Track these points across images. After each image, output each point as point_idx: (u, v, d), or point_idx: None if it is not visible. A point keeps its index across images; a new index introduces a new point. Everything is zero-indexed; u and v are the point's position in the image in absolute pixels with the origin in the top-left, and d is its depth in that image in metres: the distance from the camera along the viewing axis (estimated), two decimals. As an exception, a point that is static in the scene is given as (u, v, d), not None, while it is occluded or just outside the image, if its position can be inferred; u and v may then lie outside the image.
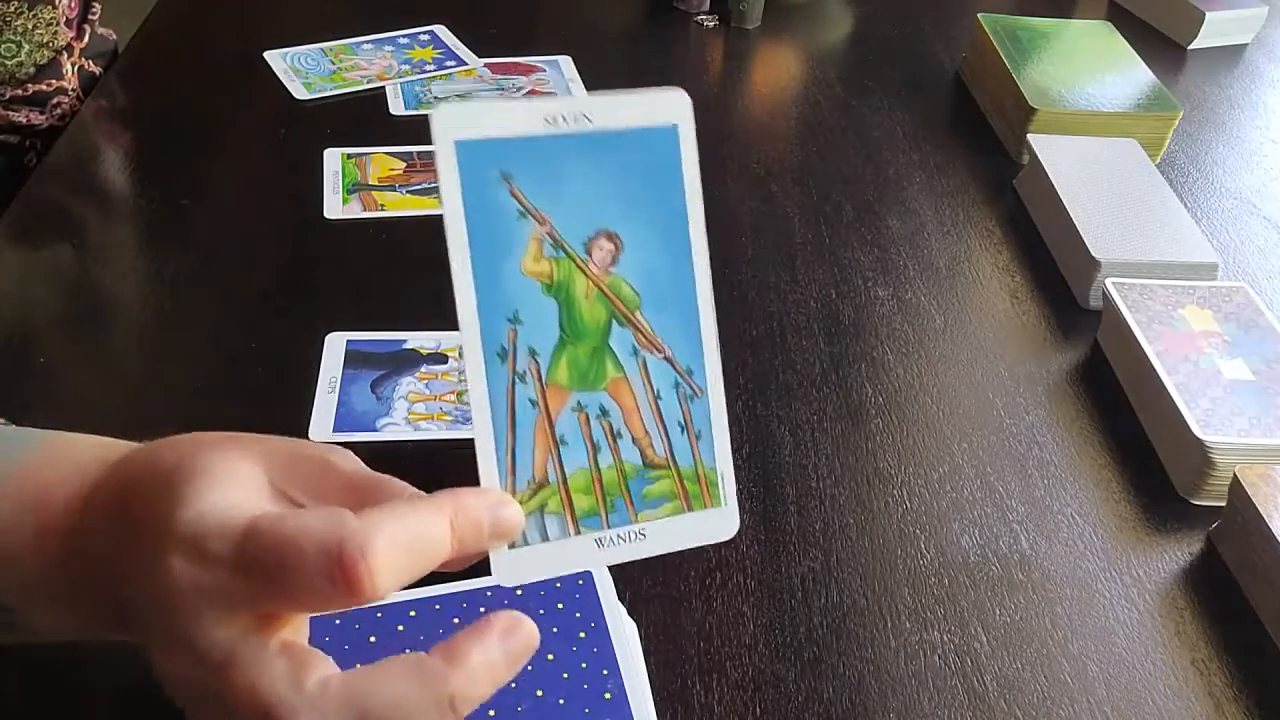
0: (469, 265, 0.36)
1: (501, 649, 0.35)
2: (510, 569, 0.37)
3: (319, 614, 0.35)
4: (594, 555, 0.39)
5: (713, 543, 0.40)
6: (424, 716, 0.33)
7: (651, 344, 0.39)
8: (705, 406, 0.40)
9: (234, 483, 0.35)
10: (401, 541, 0.33)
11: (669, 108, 0.41)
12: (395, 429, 0.64)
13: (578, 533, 0.38)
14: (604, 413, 0.39)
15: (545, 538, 0.38)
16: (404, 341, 0.71)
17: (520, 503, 0.37)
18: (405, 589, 0.48)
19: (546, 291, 0.38)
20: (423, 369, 0.68)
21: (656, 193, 0.40)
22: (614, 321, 0.39)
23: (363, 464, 0.38)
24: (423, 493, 0.37)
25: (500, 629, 0.35)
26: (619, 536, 0.39)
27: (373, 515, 0.33)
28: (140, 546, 0.34)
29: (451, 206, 0.36)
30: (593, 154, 0.38)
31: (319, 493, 0.37)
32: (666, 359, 0.39)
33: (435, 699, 0.33)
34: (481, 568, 0.37)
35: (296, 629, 0.35)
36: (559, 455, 0.38)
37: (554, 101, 0.38)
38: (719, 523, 0.40)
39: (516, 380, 0.37)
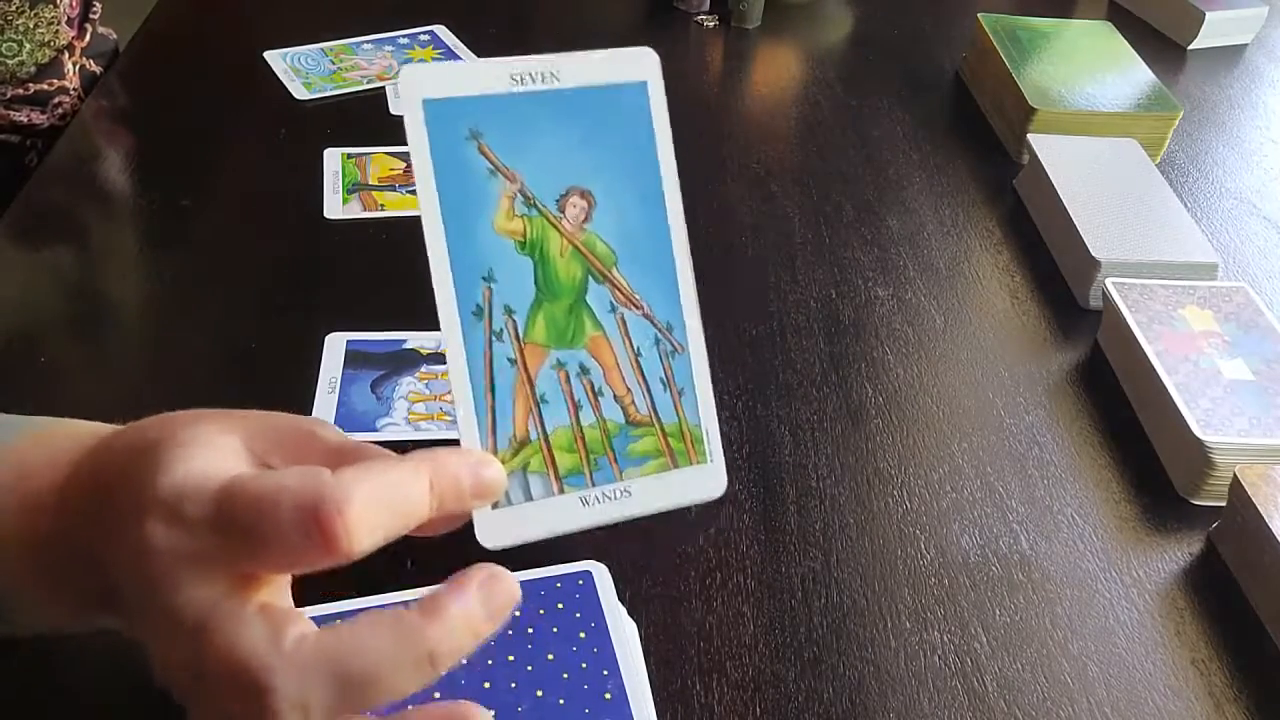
0: (440, 224, 0.36)
1: (481, 601, 0.34)
2: (493, 530, 0.36)
3: (298, 572, 0.35)
4: (579, 514, 0.38)
5: (701, 501, 0.39)
6: (402, 672, 0.33)
7: (629, 300, 0.39)
8: (687, 362, 0.40)
9: (213, 450, 0.35)
10: (379, 498, 0.33)
11: (637, 65, 0.40)
12: (395, 429, 0.64)
13: (561, 491, 0.38)
14: (584, 370, 0.39)
15: (529, 497, 0.37)
16: (404, 341, 0.71)
17: (502, 462, 0.37)
18: (405, 587, 0.48)
19: (520, 250, 0.38)
20: (423, 369, 0.68)
21: (628, 150, 0.39)
22: (590, 278, 0.39)
23: (344, 434, 0.38)
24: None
25: (479, 580, 0.35)
26: (604, 495, 0.38)
27: (350, 472, 0.33)
28: (120, 518, 0.34)
29: (421, 166, 0.36)
30: (562, 112, 0.38)
31: (300, 460, 0.37)
32: (645, 315, 0.39)
33: (414, 655, 0.33)
34: (474, 556, 0.36)
35: (276, 591, 0.35)
36: (540, 413, 0.38)
37: (522, 60, 0.37)
38: (706, 480, 0.40)
39: (493, 339, 0.37)
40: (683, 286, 0.40)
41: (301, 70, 1.00)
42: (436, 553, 0.38)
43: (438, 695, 0.49)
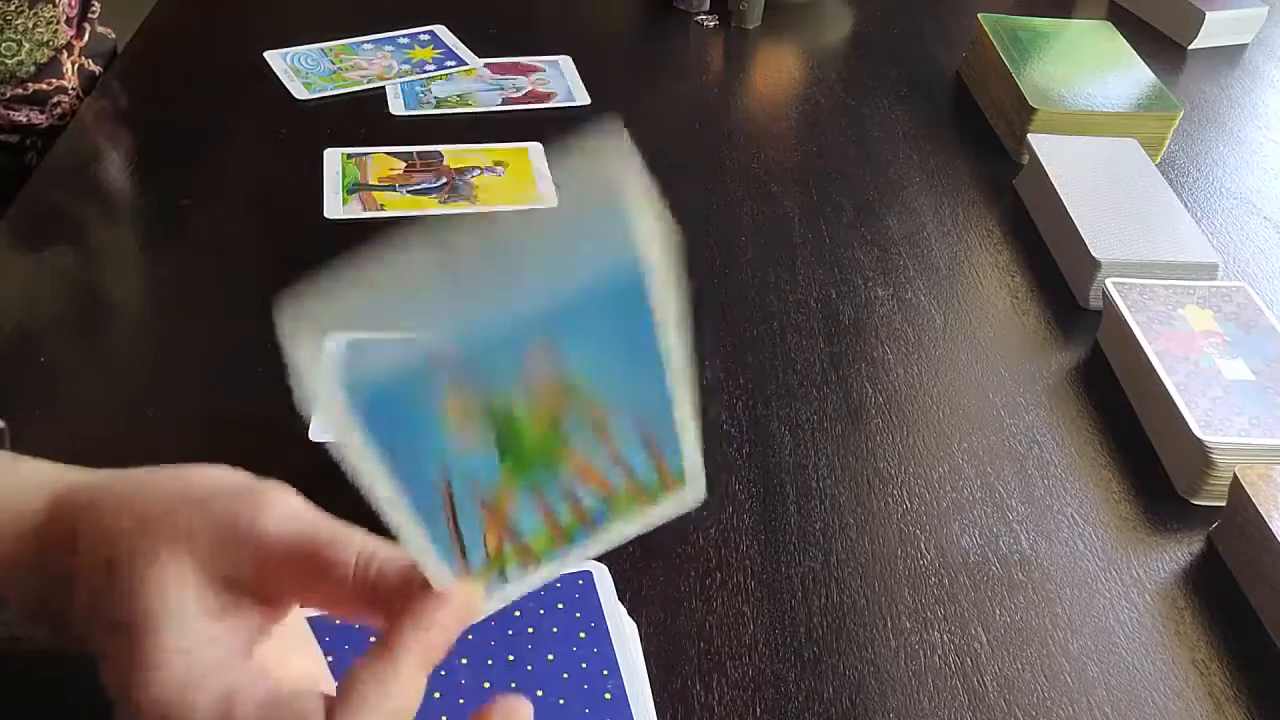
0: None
1: None
2: None
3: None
4: (552, 570, 0.36)
5: (678, 514, 0.37)
6: None
7: (607, 425, 0.34)
8: (671, 422, 0.34)
9: (189, 632, 0.34)
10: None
11: None
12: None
13: (538, 566, 0.36)
14: (556, 479, 0.34)
15: (505, 581, 0.36)
16: (404, 341, 0.70)
17: (480, 577, 0.35)
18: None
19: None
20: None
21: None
22: (563, 416, 0.33)
23: (297, 514, 0.36)
24: (373, 541, 0.35)
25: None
26: (579, 552, 0.36)
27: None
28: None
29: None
30: None
31: (260, 572, 0.35)
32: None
33: None
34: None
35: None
36: (513, 531, 0.35)
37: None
38: (684, 498, 0.37)
39: (455, 503, 0.33)
40: (674, 379, 0.34)
41: (301, 70, 1.00)
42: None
43: (437, 695, 0.49)
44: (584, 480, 0.34)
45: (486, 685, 0.49)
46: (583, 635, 0.52)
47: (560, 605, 0.53)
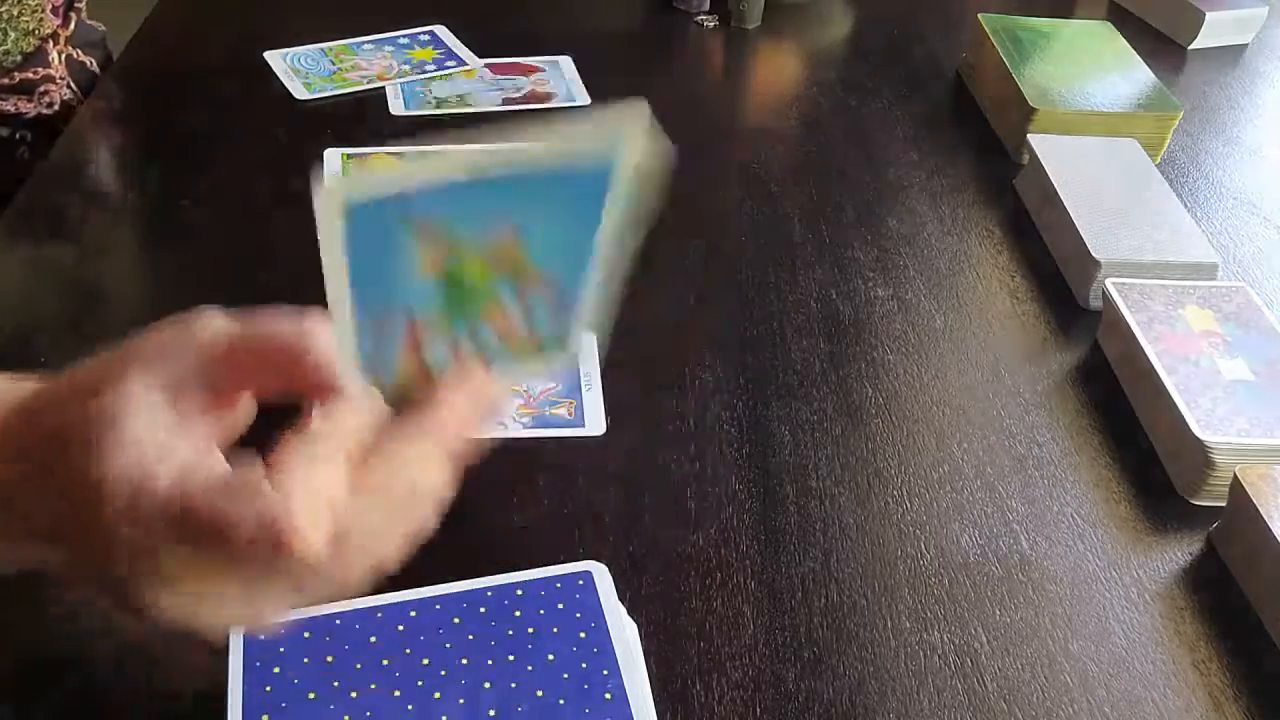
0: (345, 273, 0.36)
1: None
2: None
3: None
4: None
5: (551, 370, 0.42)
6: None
7: (529, 288, 0.40)
8: (579, 300, 0.40)
9: (145, 428, 0.36)
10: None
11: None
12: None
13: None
14: (474, 332, 0.40)
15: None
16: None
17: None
18: (406, 589, 0.48)
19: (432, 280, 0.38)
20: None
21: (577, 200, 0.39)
22: (501, 277, 0.39)
23: (227, 320, 0.40)
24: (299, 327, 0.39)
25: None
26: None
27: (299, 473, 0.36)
28: (69, 493, 0.36)
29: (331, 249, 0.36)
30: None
31: (205, 372, 0.38)
32: (550, 294, 0.40)
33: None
34: (480, 569, 0.37)
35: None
36: (423, 357, 0.40)
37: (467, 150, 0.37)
38: (561, 360, 0.42)
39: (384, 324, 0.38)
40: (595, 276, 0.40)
41: (301, 70, 1.00)
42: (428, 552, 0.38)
43: (437, 695, 0.49)
44: (493, 325, 0.40)
45: (487, 685, 0.49)
46: (583, 635, 0.52)
47: (560, 605, 0.53)
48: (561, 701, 0.49)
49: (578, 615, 0.53)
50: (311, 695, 0.48)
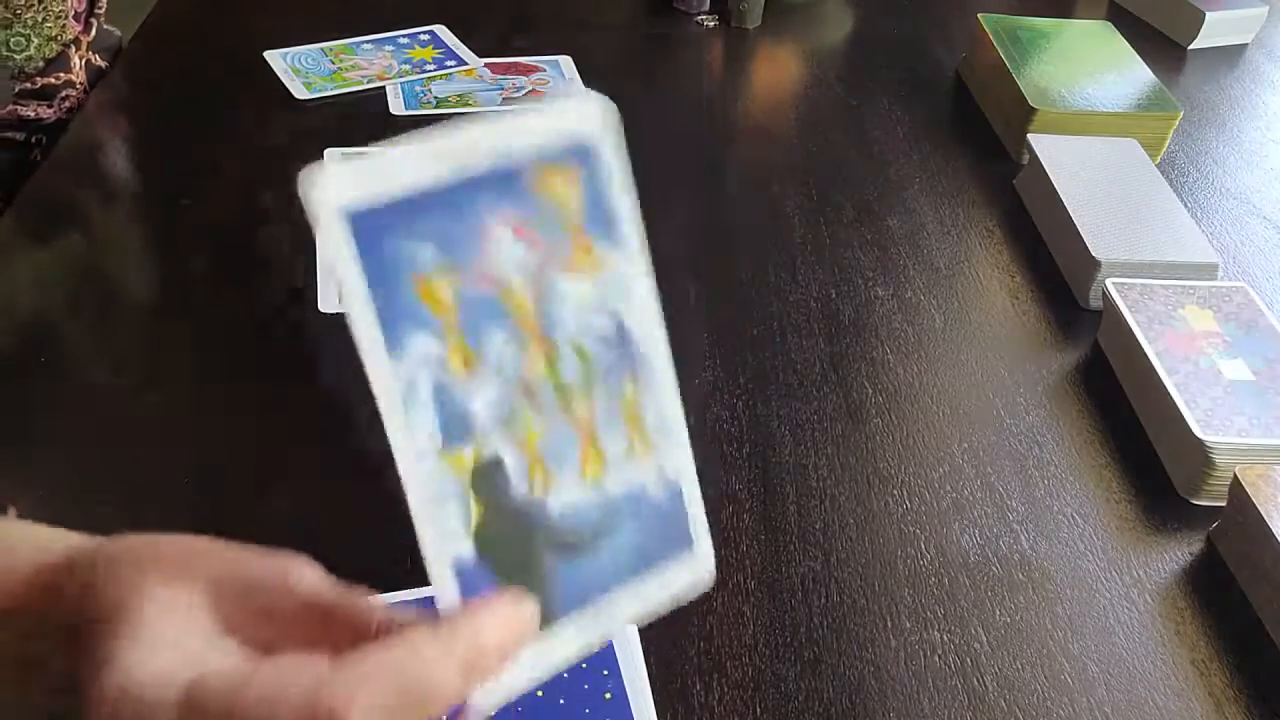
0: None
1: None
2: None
3: None
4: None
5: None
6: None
7: None
8: None
9: (173, 633, 0.32)
10: (390, 694, 0.30)
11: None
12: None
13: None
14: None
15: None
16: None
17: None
18: (406, 588, 0.48)
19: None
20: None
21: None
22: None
23: (322, 575, 0.35)
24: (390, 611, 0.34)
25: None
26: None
27: (354, 668, 0.30)
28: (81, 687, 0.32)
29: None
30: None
31: (272, 618, 0.34)
32: None
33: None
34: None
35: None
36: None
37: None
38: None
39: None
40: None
41: (301, 70, 1.00)
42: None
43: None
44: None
45: (486, 685, 0.49)
46: (583, 635, 0.52)
47: (560, 605, 0.53)
48: (561, 701, 0.49)
49: (578, 615, 0.53)
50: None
